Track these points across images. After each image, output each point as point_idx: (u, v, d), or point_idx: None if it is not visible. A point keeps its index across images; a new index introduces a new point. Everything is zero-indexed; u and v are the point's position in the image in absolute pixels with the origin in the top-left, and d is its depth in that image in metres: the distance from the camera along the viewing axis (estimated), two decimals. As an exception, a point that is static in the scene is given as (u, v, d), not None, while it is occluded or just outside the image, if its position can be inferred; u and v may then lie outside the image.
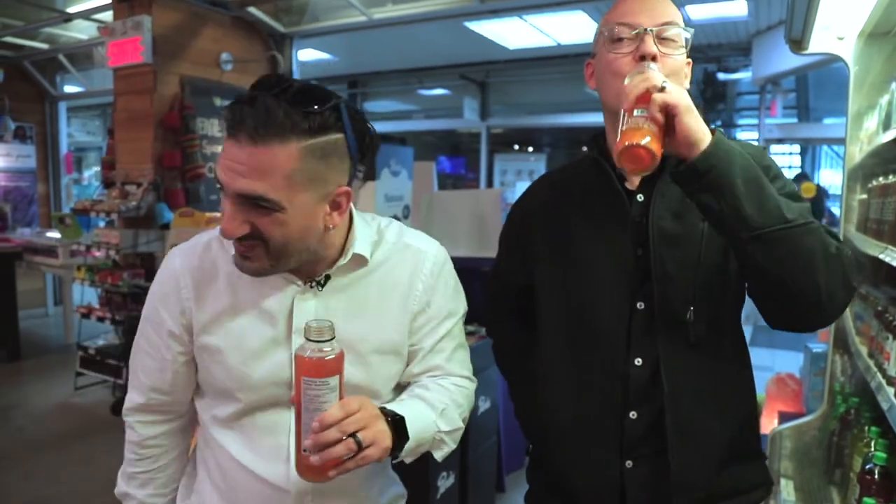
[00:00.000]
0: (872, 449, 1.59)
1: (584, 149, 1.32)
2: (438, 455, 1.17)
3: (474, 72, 8.79)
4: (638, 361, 1.16)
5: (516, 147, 11.89)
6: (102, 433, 4.38)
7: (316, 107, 0.97)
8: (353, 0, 4.97)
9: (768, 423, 2.67)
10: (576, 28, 6.60)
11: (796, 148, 9.55)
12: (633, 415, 1.17)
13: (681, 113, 0.97)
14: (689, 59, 1.20)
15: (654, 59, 1.10)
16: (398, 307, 1.17)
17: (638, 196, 1.20)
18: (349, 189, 1.04)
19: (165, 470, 1.28)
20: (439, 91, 9.77)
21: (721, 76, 8.57)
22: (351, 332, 1.10)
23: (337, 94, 1.04)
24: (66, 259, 6.39)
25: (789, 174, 9.45)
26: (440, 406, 1.14)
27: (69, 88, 8.67)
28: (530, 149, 11.76)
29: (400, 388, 1.23)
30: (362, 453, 0.93)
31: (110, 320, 4.91)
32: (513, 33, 7.06)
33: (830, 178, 9.55)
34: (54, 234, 7.05)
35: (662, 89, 0.98)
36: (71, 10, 5.89)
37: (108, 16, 5.64)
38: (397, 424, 1.01)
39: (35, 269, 6.89)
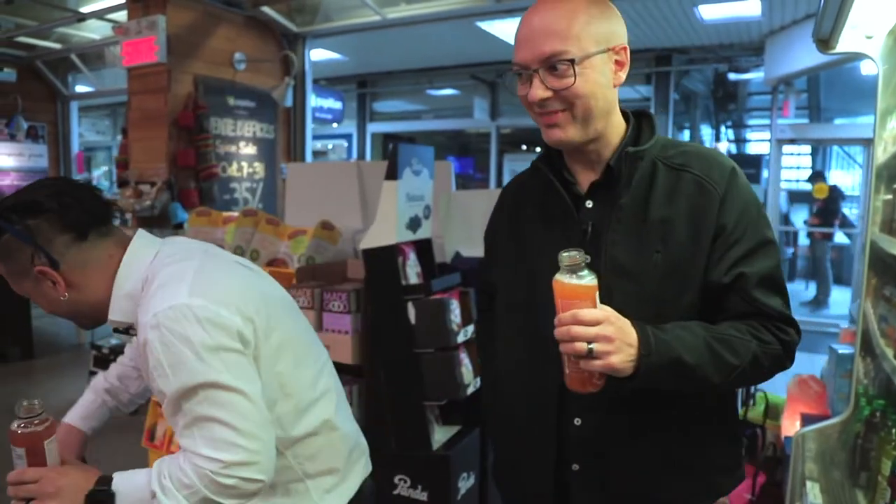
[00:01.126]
0: (902, 451, 1.58)
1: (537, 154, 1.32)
2: None
3: (485, 72, 8.77)
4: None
5: (524, 147, 11.88)
6: (111, 433, 4.36)
7: None
8: (367, 0, 4.98)
9: (790, 425, 2.65)
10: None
11: (806, 148, 9.51)
12: (577, 421, 1.19)
13: (609, 369, 1.00)
14: (618, 56, 1.13)
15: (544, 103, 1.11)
16: None
17: (587, 202, 1.19)
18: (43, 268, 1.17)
19: None
20: (448, 91, 9.76)
21: (732, 76, 8.54)
22: None
23: None
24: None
25: (802, 174, 9.42)
26: (155, 484, 1.11)
27: (80, 88, 8.70)
28: (538, 149, 11.73)
29: None
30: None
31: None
32: (524, 33, 7.03)
33: (841, 178, 9.51)
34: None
35: (590, 353, 0.98)
36: (84, 9, 5.91)
37: (121, 16, 5.67)
38: (102, 498, 1.11)
39: (48, 268, 6.91)
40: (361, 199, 3.44)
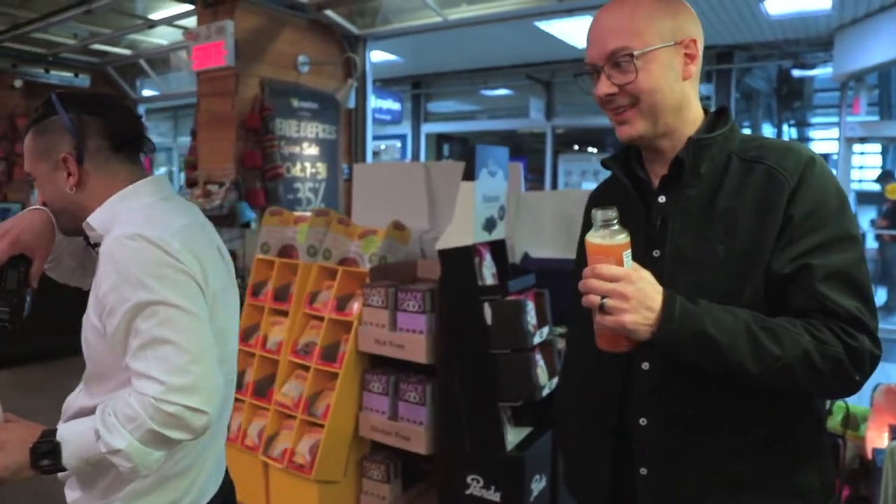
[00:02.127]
0: None
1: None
2: (124, 473, 1.15)
3: (540, 72, 8.72)
4: (645, 366, 1.17)
5: (576, 147, 11.76)
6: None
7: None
8: (428, 1, 5.00)
9: (876, 437, 2.56)
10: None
11: (874, 147, 9.15)
12: (642, 421, 1.17)
13: (621, 327, 1.01)
14: (688, 49, 1.13)
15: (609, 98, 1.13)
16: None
17: (660, 198, 1.18)
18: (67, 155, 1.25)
19: None
20: (502, 91, 9.74)
21: (797, 73, 8.27)
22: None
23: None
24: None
25: (867, 174, 9.07)
26: (99, 425, 1.13)
27: (147, 92, 8.99)
28: (591, 149, 11.61)
29: None
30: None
31: (193, 316, 5.07)
32: (583, 32, 6.97)
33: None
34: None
35: (602, 307, 1.01)
36: (154, 16, 6.11)
37: (188, 22, 5.84)
38: (49, 448, 1.15)
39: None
40: (429, 200, 3.46)
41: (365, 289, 2.86)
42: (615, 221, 1.01)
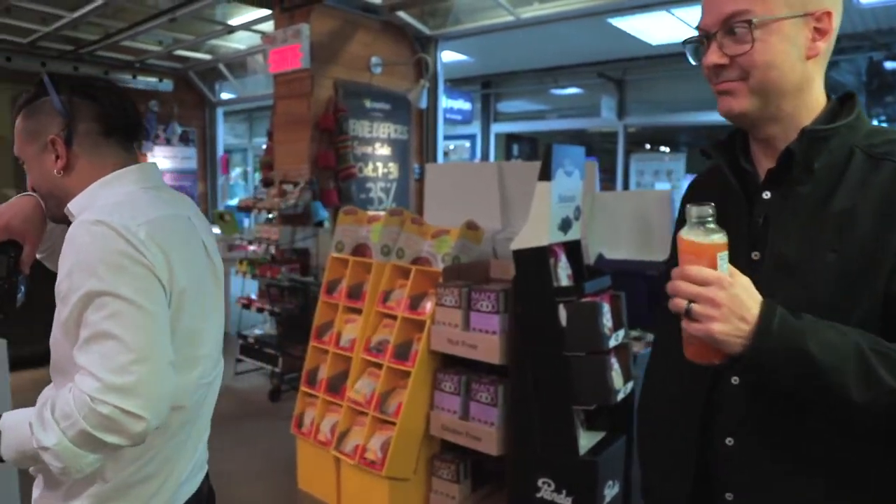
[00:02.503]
0: None
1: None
2: (55, 471, 1.09)
3: (612, 69, 8.55)
4: (735, 380, 1.05)
5: (647, 146, 11.47)
6: (261, 417, 4.67)
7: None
8: (501, 0, 4.98)
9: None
10: (727, 19, 6.24)
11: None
12: (728, 441, 1.06)
13: (709, 337, 0.90)
14: (819, 23, 0.98)
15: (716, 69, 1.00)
16: None
17: (764, 193, 1.04)
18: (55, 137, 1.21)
19: None
20: (572, 90, 9.60)
21: (889, 65, 7.80)
22: None
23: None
24: (225, 253, 6.88)
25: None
26: (33, 419, 1.08)
27: (225, 95, 9.33)
28: (664, 148, 11.30)
29: None
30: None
31: (269, 312, 5.22)
32: (657, 28, 6.78)
33: None
34: (212, 230, 7.62)
35: (687, 313, 0.90)
36: (233, 22, 6.32)
37: (266, 26, 6.02)
38: None
39: (196, 261, 7.48)
40: (502, 200, 3.44)
41: (438, 288, 2.87)
42: (711, 219, 0.91)
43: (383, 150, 5.80)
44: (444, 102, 6.72)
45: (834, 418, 0.95)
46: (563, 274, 2.56)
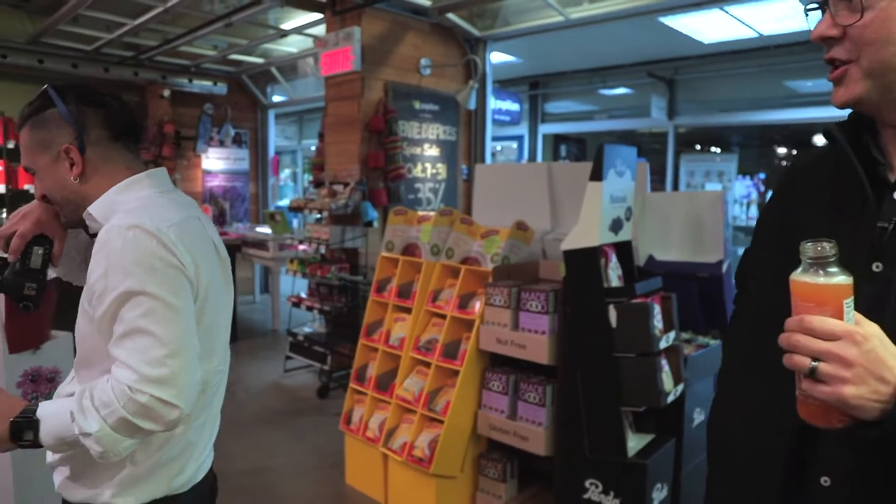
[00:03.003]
0: None
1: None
2: (94, 455, 1.16)
3: (662, 69, 8.42)
4: None
5: (698, 147, 11.24)
6: (310, 414, 4.77)
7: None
8: (550, 0, 4.97)
9: None
10: (781, 16, 6.09)
11: None
12: (824, 481, 0.92)
13: (840, 402, 0.76)
14: None
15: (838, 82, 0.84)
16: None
17: (895, 193, 0.89)
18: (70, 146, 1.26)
19: None
20: (621, 90, 9.49)
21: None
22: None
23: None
24: (276, 252, 7.04)
25: None
26: (75, 406, 1.15)
27: (276, 98, 9.53)
28: (714, 149, 11.06)
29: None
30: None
31: (318, 310, 5.32)
32: (709, 26, 6.66)
33: None
34: (263, 229, 7.80)
35: (812, 372, 0.76)
36: (286, 26, 6.46)
37: (317, 30, 6.13)
38: (25, 425, 1.16)
39: (247, 259, 7.68)
40: (551, 201, 3.44)
41: (488, 288, 2.89)
42: (833, 258, 0.76)
43: (432, 151, 5.84)
44: (493, 103, 6.73)
45: None
46: (614, 275, 2.55)
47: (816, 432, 0.88)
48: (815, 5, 0.88)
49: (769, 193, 1.12)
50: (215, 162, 8.87)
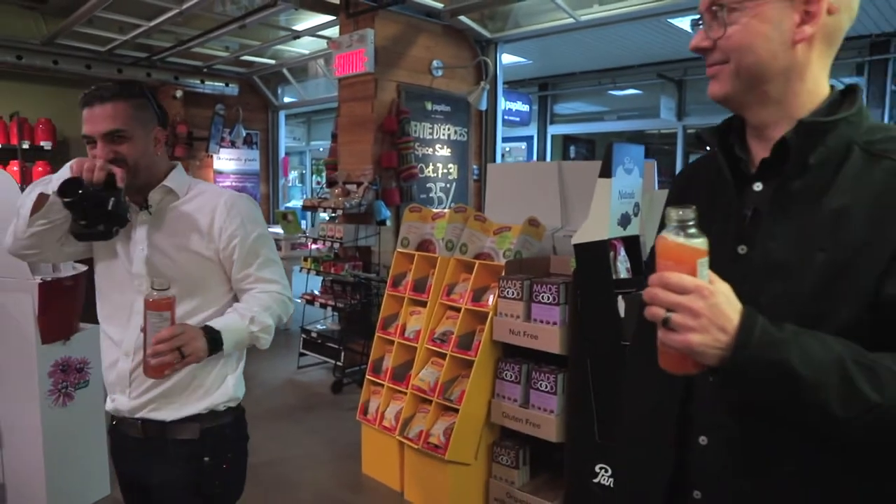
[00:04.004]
0: None
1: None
2: (260, 345, 1.68)
3: (671, 70, 8.49)
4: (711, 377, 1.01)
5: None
6: (324, 408, 4.87)
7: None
8: (560, 2, 5.06)
9: None
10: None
11: None
12: (702, 440, 1.03)
13: (687, 348, 0.85)
14: (808, 6, 0.94)
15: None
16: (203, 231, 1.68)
17: (755, 185, 1.01)
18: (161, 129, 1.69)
19: None
20: (630, 91, 9.56)
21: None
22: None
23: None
24: (288, 251, 7.15)
25: None
26: (249, 314, 1.63)
27: (287, 99, 9.64)
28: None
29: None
30: (185, 360, 1.47)
31: (332, 307, 5.42)
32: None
33: None
34: (275, 230, 7.91)
35: (666, 322, 0.84)
36: (298, 27, 6.57)
37: (330, 32, 6.24)
38: (215, 336, 1.55)
39: (261, 259, 7.77)
40: (561, 199, 3.53)
41: (501, 281, 2.99)
42: (692, 222, 0.85)
43: (443, 151, 5.94)
44: (503, 104, 6.82)
45: (810, 430, 0.92)
46: (623, 267, 2.64)
47: (693, 393, 1.02)
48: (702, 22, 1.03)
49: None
50: (227, 163, 8.99)
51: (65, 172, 1.52)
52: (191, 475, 1.66)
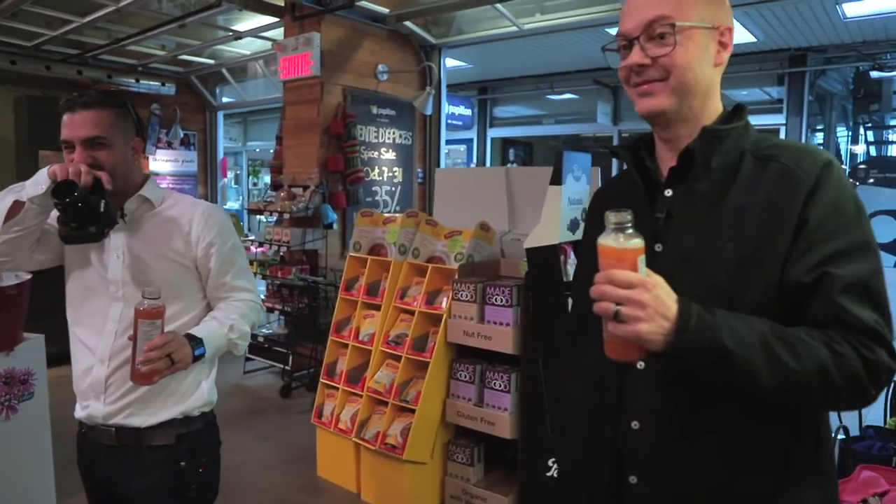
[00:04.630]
0: None
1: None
2: (237, 351, 1.76)
3: (608, 76, 8.79)
4: (640, 365, 1.11)
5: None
6: (274, 412, 4.85)
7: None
8: (504, 11, 5.19)
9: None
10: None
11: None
12: (634, 424, 1.12)
13: (636, 337, 0.94)
14: (723, 37, 1.11)
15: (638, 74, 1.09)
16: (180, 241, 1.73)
17: (666, 191, 1.14)
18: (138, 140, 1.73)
19: None
20: (568, 96, 9.83)
21: (875, 74, 8.09)
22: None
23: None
24: (231, 254, 7.03)
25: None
26: (228, 321, 1.70)
27: (225, 99, 9.47)
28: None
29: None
30: (174, 366, 1.52)
31: (279, 311, 5.39)
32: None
33: None
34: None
35: (616, 315, 0.93)
36: (239, 27, 6.48)
37: (273, 34, 6.19)
38: (198, 343, 1.60)
39: (201, 263, 7.62)
40: (509, 203, 3.64)
41: (455, 284, 3.08)
42: (630, 224, 0.94)
43: (388, 155, 5.99)
44: (447, 108, 6.92)
45: (736, 405, 1.03)
46: (572, 270, 2.77)
47: (624, 384, 1.13)
48: (625, 43, 1.12)
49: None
50: (163, 164, 8.76)
51: (42, 178, 1.51)
52: (167, 480, 1.67)
